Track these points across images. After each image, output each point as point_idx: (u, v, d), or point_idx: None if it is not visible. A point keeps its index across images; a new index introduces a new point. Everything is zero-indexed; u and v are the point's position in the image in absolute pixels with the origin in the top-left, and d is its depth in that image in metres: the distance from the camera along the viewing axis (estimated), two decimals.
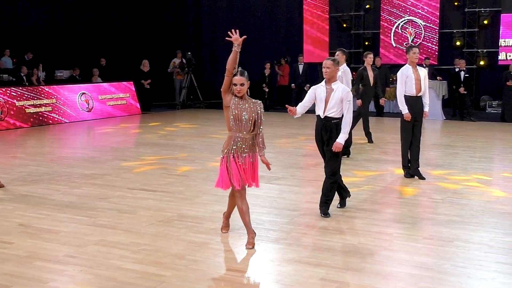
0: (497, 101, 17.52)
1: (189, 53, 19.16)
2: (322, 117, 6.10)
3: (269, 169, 5.14)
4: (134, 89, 17.81)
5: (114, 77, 18.78)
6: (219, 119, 15.93)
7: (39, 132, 13.44)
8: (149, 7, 22.74)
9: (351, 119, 6.12)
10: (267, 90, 18.78)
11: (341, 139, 6.01)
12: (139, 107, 17.78)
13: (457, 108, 16.31)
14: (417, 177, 8.20)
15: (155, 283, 4.35)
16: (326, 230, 5.69)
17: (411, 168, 8.28)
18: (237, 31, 4.99)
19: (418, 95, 8.05)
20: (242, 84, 4.98)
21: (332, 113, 6.04)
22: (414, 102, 8.05)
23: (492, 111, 17.61)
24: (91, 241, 5.33)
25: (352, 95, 6.14)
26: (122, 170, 8.76)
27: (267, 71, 18.93)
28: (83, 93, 16.09)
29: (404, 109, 8.03)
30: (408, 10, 19.01)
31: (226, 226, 5.62)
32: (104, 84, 17.34)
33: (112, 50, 21.52)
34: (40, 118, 14.58)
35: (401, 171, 8.44)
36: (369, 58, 11.30)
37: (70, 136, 13.24)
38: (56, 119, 15.00)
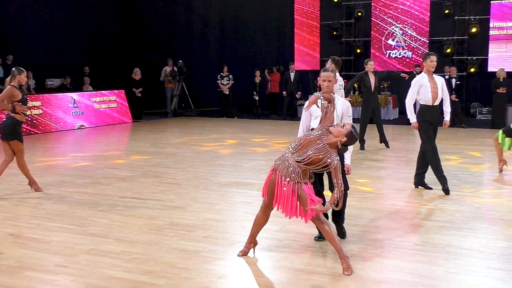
0: (487, 108, 17.63)
1: (180, 61, 19.15)
2: None
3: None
4: (125, 97, 17.78)
5: (105, 85, 18.76)
6: (210, 127, 15.92)
7: (29, 140, 13.35)
8: (140, 16, 22.78)
9: None
10: (257, 98, 18.82)
11: (347, 160, 5.60)
12: (130, 115, 17.74)
13: None
14: (423, 187, 7.91)
15: None
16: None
17: (416, 178, 7.98)
18: None
19: (434, 104, 7.66)
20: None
21: None
22: (431, 111, 7.68)
23: (482, 118, 17.70)
24: (82, 250, 5.30)
25: (351, 110, 5.62)
26: (113, 179, 8.73)
27: (257, 79, 18.95)
28: (74, 102, 16.04)
29: (412, 117, 7.70)
30: (398, 18, 19.13)
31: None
32: (95, 92, 17.29)
33: (103, 58, 21.54)
34: (30, 126, 14.51)
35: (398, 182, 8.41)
36: (369, 65, 11.34)
37: (61, 145, 13.19)
38: (46, 128, 14.94)
